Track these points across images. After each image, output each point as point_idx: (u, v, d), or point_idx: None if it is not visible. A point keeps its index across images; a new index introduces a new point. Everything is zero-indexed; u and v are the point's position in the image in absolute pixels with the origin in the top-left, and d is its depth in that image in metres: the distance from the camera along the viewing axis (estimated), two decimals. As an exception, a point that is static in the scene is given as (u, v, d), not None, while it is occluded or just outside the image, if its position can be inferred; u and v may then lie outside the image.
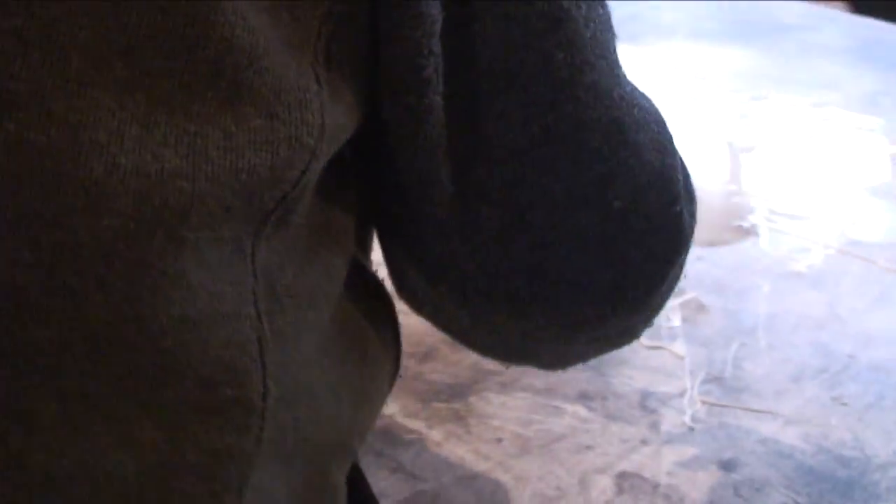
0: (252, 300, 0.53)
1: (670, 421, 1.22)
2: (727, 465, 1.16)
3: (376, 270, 0.68)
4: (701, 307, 1.41)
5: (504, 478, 1.13)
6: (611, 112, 0.62)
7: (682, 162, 0.70)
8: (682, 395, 1.26)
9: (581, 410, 1.22)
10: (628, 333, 0.72)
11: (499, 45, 0.58)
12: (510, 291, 0.63)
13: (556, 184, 0.61)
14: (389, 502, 1.08)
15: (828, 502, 1.13)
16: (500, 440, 1.18)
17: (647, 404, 1.24)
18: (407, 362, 1.18)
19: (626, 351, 1.23)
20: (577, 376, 1.26)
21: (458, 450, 1.16)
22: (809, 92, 2.17)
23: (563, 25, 0.59)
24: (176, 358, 0.50)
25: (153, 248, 0.48)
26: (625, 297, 0.65)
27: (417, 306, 0.69)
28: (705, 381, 1.28)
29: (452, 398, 1.23)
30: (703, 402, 1.25)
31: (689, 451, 1.18)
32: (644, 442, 1.19)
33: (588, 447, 1.17)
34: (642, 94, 0.66)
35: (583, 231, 0.62)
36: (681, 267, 0.69)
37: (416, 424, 1.20)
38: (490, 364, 1.26)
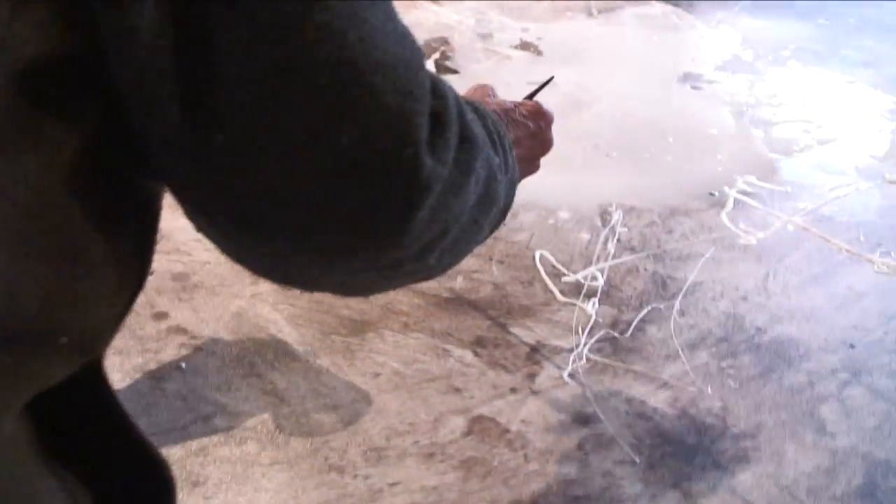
0: None
1: (548, 374, 1.27)
2: (582, 420, 1.21)
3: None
4: (633, 269, 1.45)
5: (365, 409, 1.21)
6: (343, 52, 0.60)
7: (459, 113, 0.73)
8: (570, 350, 1.31)
9: (467, 355, 1.29)
10: (403, 268, 0.77)
11: None
12: (252, 217, 0.68)
13: (286, 115, 0.60)
14: (254, 421, 1.18)
15: (664, 464, 1.16)
16: (377, 375, 1.26)
17: (533, 356, 1.29)
18: (327, 297, 1.28)
19: (538, 303, 1.30)
20: (479, 323, 1.33)
21: (333, 381, 1.25)
22: (845, 68, 2.12)
23: None
24: None
25: None
26: (367, 232, 0.68)
27: (196, 228, 0.75)
28: (601, 340, 1.32)
29: (352, 333, 1.32)
30: (589, 360, 1.29)
31: (552, 404, 1.24)
32: (513, 390, 1.25)
33: (457, 390, 1.24)
34: (400, 42, 0.67)
35: (316, 162, 0.64)
36: (442, 211, 0.72)
37: (306, 353, 1.29)
38: (402, 305, 1.34)
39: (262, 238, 0.70)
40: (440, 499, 1.12)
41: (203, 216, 0.72)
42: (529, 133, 1.09)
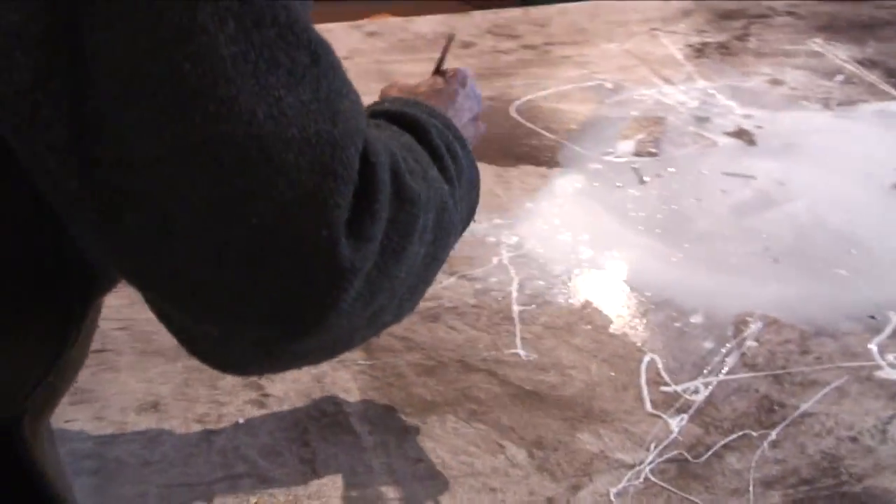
0: None
1: (595, 489, 1.20)
2: None
3: None
4: (743, 389, 1.34)
5: (389, 494, 1.19)
6: (250, 129, 0.63)
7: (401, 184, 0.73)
8: (632, 467, 1.23)
9: (520, 455, 1.24)
10: (358, 335, 0.77)
11: (123, 54, 0.60)
12: (174, 297, 0.67)
13: (194, 195, 0.63)
14: (277, 489, 1.19)
15: None
16: (418, 461, 1.23)
17: (588, 467, 1.23)
18: (410, 372, 1.32)
19: (623, 410, 1.24)
20: (549, 423, 1.28)
21: (373, 460, 1.23)
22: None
23: (195, 38, 0.61)
24: None
25: None
26: (290, 319, 0.67)
27: None
28: (670, 461, 1.23)
29: (416, 414, 1.30)
30: (646, 481, 1.21)
31: None
32: (549, 500, 1.19)
33: (492, 490, 1.19)
34: (329, 117, 0.67)
35: (226, 245, 0.64)
36: (384, 281, 0.72)
37: (361, 430, 1.29)
38: (480, 392, 1.31)
39: (191, 319, 0.71)
40: None
41: (134, 285, 0.74)
42: (462, 97, 1.09)
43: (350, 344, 0.80)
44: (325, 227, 0.67)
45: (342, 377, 1.34)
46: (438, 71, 1.18)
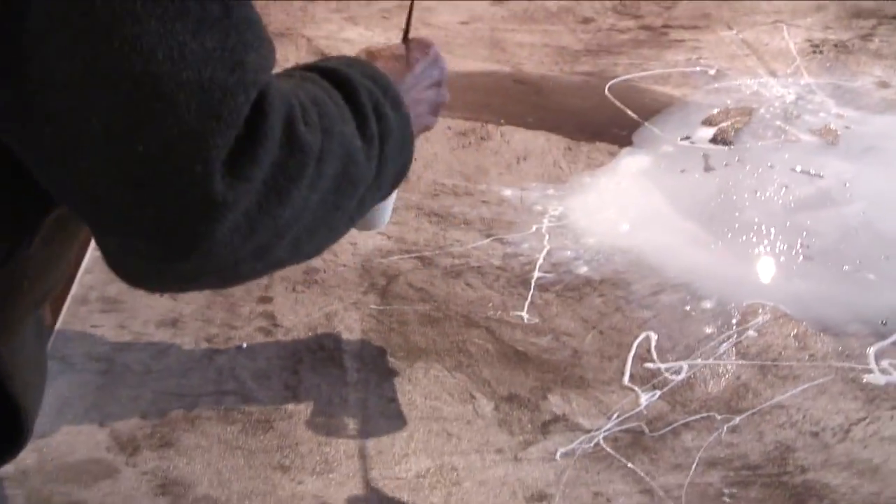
0: None
1: (545, 447, 1.26)
2: (537, 499, 1.20)
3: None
4: (723, 374, 1.37)
5: (352, 426, 1.29)
6: (148, 66, 0.73)
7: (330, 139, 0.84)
8: (588, 432, 1.29)
9: (488, 408, 1.30)
10: (245, 266, 0.88)
11: None
12: (79, 209, 0.80)
13: (94, 119, 0.73)
14: (256, 408, 1.31)
15: None
16: (391, 400, 1.32)
17: (547, 427, 1.28)
18: (414, 321, 1.42)
19: (600, 380, 1.30)
20: (526, 382, 1.35)
21: (352, 394, 1.33)
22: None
23: None
24: None
25: None
26: (171, 241, 0.78)
27: None
28: (626, 431, 1.29)
29: (406, 358, 1.38)
30: (597, 447, 1.27)
31: (522, 476, 1.23)
32: (498, 451, 1.26)
33: (450, 435, 1.27)
34: (227, 66, 0.76)
35: (116, 167, 0.75)
36: (264, 218, 0.82)
37: (350, 367, 1.38)
38: (472, 346, 1.39)
39: (95, 230, 0.85)
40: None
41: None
42: (423, 65, 1.16)
43: (238, 273, 0.89)
44: (200, 163, 0.77)
45: (351, 317, 1.44)
46: (406, 38, 1.25)
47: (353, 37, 2.25)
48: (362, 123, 0.98)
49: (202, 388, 1.30)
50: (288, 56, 2.18)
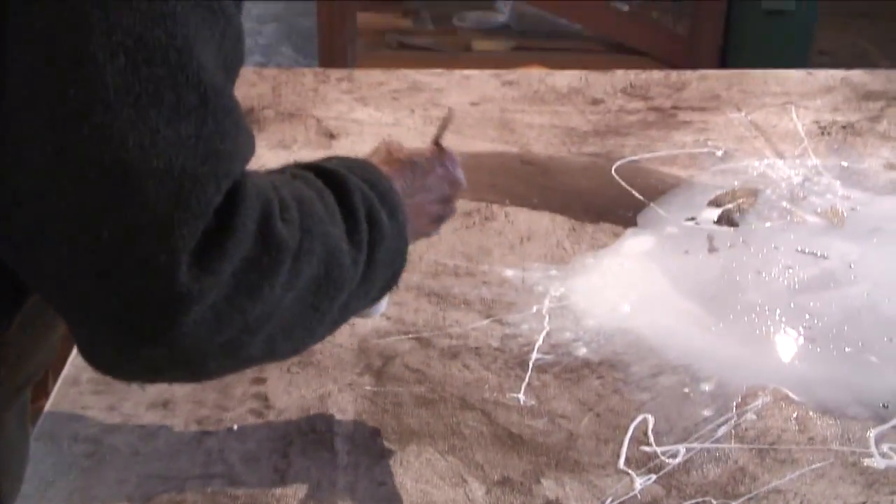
0: None
1: None
2: None
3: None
4: (721, 458, 1.35)
5: (345, 509, 1.27)
6: (118, 154, 0.74)
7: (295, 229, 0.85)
8: (576, 516, 1.26)
9: (479, 493, 1.29)
10: (212, 363, 0.87)
11: (27, 70, 0.73)
12: (47, 293, 0.81)
13: (62, 203, 0.74)
14: (240, 492, 1.30)
15: None
16: (381, 484, 1.31)
17: None
18: (409, 402, 1.41)
19: (595, 464, 1.29)
20: (520, 466, 1.34)
21: (342, 479, 1.32)
22: None
23: (84, 66, 0.72)
24: None
25: None
26: (134, 331, 0.79)
27: None
28: None
29: (398, 441, 1.37)
30: None
31: None
32: None
33: None
34: (199, 156, 0.76)
35: (80, 253, 0.76)
36: (234, 313, 0.82)
37: (342, 447, 1.37)
38: (466, 428, 1.38)
39: (65, 318, 0.85)
40: None
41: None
42: (437, 176, 1.16)
43: (205, 368, 0.89)
44: (165, 253, 0.78)
45: (344, 398, 1.43)
46: (436, 143, 1.26)
47: (363, 117, 2.26)
48: (352, 227, 0.98)
49: (190, 470, 1.29)
50: (296, 136, 2.20)
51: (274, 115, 2.33)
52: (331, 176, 1.01)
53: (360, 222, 1.00)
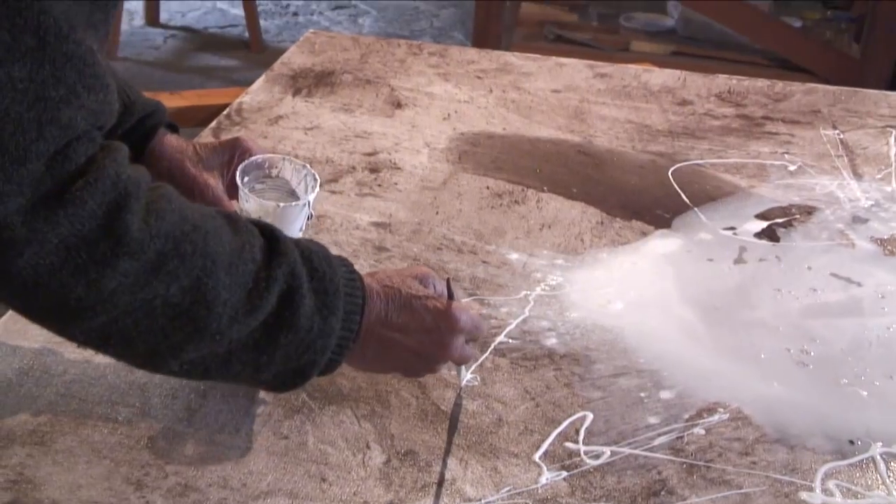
0: None
1: (416, 508, 1.20)
2: None
3: None
4: (646, 467, 1.27)
5: (232, 455, 1.25)
6: None
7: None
8: (470, 501, 1.21)
9: (378, 460, 1.25)
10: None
11: None
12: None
13: None
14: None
15: None
16: (285, 437, 1.28)
17: (428, 490, 1.22)
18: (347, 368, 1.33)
19: (510, 451, 1.25)
20: (435, 442, 1.30)
21: (250, 426, 1.30)
22: None
23: None
24: None
25: None
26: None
27: None
28: (506, 507, 1.20)
29: (321, 400, 1.35)
30: (469, 517, 1.19)
31: (380, 532, 1.16)
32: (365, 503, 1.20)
33: (324, 479, 1.22)
34: (22, 95, 0.77)
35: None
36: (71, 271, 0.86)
37: (263, 397, 1.35)
38: (401, 398, 1.34)
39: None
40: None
41: None
42: (423, 327, 1.12)
43: (42, 313, 0.91)
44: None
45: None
46: (448, 288, 1.22)
47: (438, 91, 2.23)
48: (257, 292, 0.97)
49: (107, 398, 1.28)
50: (363, 102, 2.18)
51: (352, 79, 2.32)
52: (275, 243, 1.03)
53: (270, 293, 1.00)
